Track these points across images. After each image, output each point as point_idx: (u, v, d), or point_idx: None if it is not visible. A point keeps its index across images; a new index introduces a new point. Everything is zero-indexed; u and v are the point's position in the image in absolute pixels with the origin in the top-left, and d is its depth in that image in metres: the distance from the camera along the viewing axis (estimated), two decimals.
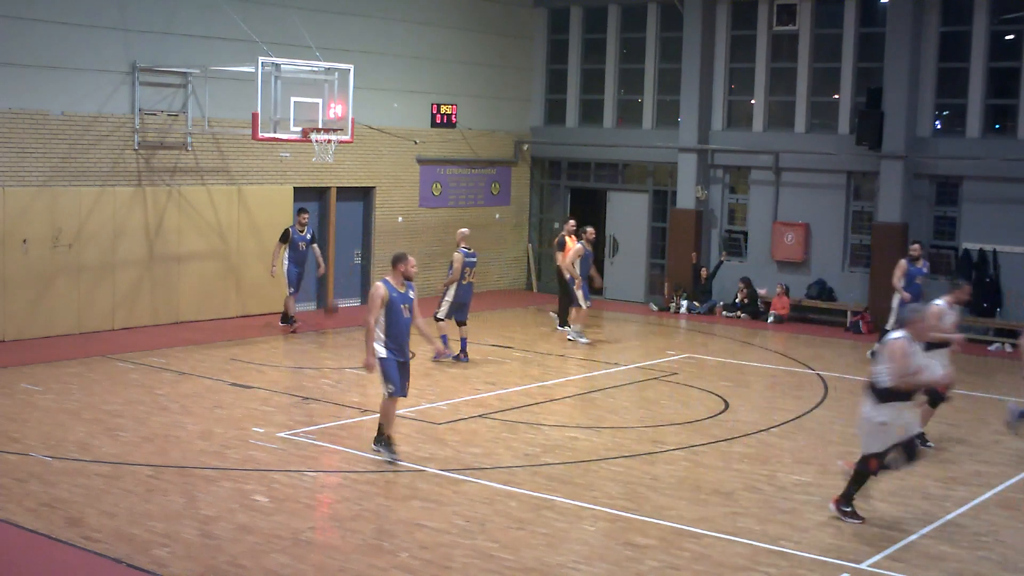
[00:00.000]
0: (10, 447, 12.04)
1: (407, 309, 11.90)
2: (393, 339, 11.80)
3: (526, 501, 10.81)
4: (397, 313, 11.79)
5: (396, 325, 11.79)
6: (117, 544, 9.34)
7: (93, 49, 18.72)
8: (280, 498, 10.65)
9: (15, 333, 17.96)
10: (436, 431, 13.39)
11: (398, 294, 11.81)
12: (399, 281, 11.89)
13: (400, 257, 11.97)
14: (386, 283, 11.84)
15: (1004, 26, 21.55)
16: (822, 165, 23.17)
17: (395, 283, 11.86)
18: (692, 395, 16.02)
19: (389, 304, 11.75)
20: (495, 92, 26.02)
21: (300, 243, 19.79)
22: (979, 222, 21.53)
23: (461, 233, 17.99)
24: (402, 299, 11.84)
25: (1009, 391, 17.07)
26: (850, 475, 10.64)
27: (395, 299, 11.77)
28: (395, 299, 11.77)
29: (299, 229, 19.82)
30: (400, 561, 9.17)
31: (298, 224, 19.88)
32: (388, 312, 11.76)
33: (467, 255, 17.56)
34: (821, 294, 23.12)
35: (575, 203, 26.81)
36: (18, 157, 17.94)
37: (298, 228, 19.83)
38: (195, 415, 13.72)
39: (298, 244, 19.76)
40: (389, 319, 11.77)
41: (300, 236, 19.80)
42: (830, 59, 23.35)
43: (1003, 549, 9.99)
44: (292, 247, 19.71)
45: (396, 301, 11.77)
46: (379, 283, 11.87)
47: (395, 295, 11.78)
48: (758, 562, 9.40)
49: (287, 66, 18.28)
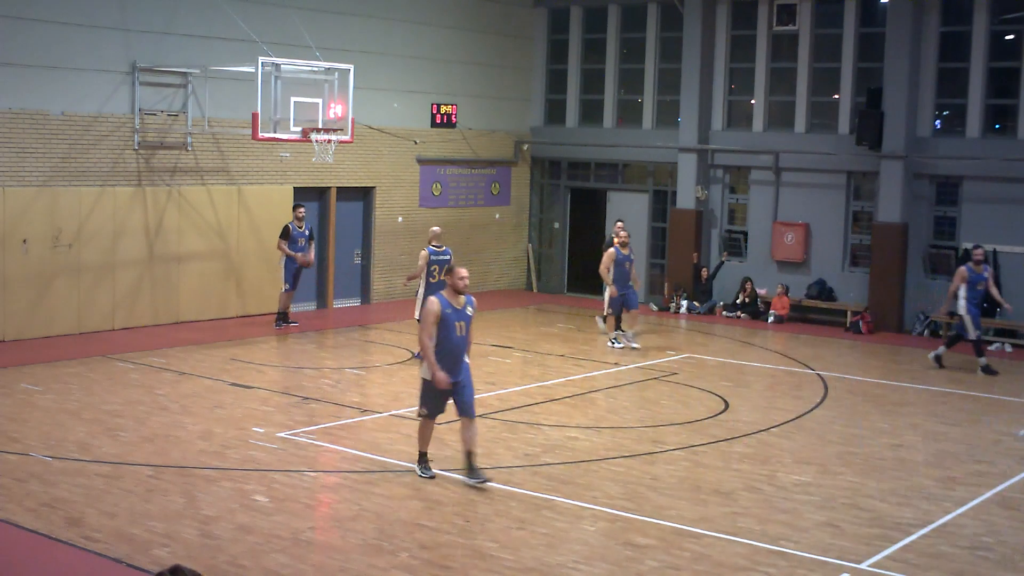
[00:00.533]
0: (10, 447, 12.04)
1: (462, 327, 11.09)
2: (443, 359, 11.03)
3: (526, 501, 10.81)
4: (450, 331, 11.01)
5: (448, 344, 11.03)
6: (117, 544, 9.34)
7: (93, 49, 18.72)
8: (280, 498, 10.65)
9: (15, 333, 17.96)
10: (436, 431, 13.36)
11: (453, 310, 11.04)
12: (453, 296, 11.12)
13: (448, 269, 11.37)
14: (441, 298, 11.08)
15: (1004, 26, 21.55)
16: (822, 165, 23.17)
17: (450, 298, 11.10)
18: (692, 395, 16.02)
19: (442, 321, 10.98)
20: (495, 92, 26.02)
21: (299, 239, 19.85)
22: (979, 222, 21.53)
23: (432, 231, 17.95)
24: (457, 316, 11.05)
25: (1009, 391, 17.08)
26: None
27: (449, 316, 10.99)
28: (449, 316, 10.99)
29: (297, 225, 19.89)
30: (400, 561, 9.17)
31: (296, 220, 19.93)
32: (441, 329, 11.00)
33: (434, 252, 17.44)
34: (821, 294, 23.12)
35: (575, 203, 26.83)
36: (18, 157, 17.94)
37: (296, 224, 19.89)
38: (195, 415, 13.72)
39: (297, 240, 19.82)
40: (441, 337, 11.01)
41: (299, 232, 19.87)
42: (830, 59, 23.35)
43: (1003, 549, 9.99)
44: (291, 244, 19.76)
45: (450, 318, 11.00)
46: (433, 298, 11.14)
47: (449, 311, 11.01)
48: (758, 562, 9.40)
49: (287, 66, 18.29)
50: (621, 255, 19.08)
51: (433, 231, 17.97)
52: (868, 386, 17.04)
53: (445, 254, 17.54)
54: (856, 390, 16.73)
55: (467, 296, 11.18)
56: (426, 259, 17.41)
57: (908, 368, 18.77)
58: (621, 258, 19.07)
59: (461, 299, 11.13)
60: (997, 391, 17.09)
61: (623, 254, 19.10)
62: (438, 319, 10.97)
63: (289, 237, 19.76)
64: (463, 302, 11.15)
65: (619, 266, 19.01)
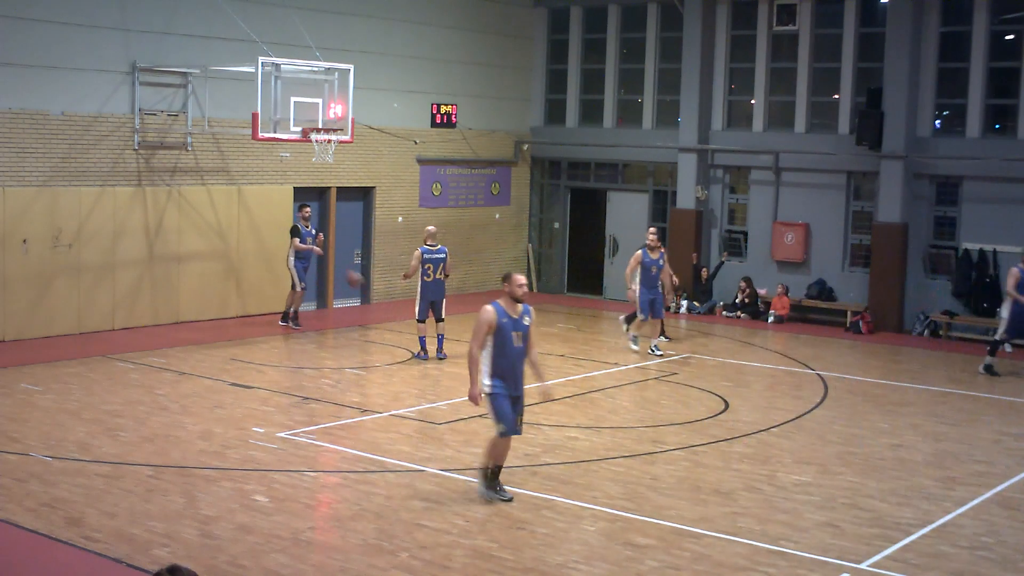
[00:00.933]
0: (10, 447, 12.04)
1: (519, 337, 10.53)
2: (501, 371, 10.47)
3: (526, 501, 10.80)
4: (506, 341, 10.44)
5: (505, 355, 10.46)
6: (117, 544, 9.34)
7: (93, 49, 18.72)
8: (280, 498, 10.65)
9: (15, 333, 17.96)
10: (436, 431, 13.39)
11: (509, 319, 10.46)
12: (510, 304, 10.56)
13: (506, 276, 10.70)
14: (496, 306, 10.49)
15: (1004, 26, 21.55)
16: (822, 165, 23.17)
17: (507, 306, 10.53)
18: (692, 395, 16.02)
19: (498, 330, 10.41)
20: (495, 92, 26.02)
21: (307, 239, 20.01)
22: (979, 222, 21.53)
23: (427, 230, 18.03)
24: (513, 325, 10.48)
25: (1009, 391, 17.08)
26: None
27: (505, 325, 10.42)
28: (505, 325, 10.42)
29: (305, 225, 20.04)
30: (400, 561, 9.16)
31: (303, 220, 20.07)
32: (496, 340, 10.42)
33: (427, 251, 17.55)
34: (821, 294, 23.12)
35: (575, 203, 26.83)
36: (18, 157, 17.94)
37: (303, 224, 20.03)
38: (195, 415, 13.72)
39: (306, 239, 19.97)
40: (497, 348, 10.44)
41: (307, 232, 20.07)
42: (830, 59, 23.35)
43: (1003, 549, 9.99)
44: (300, 242, 19.92)
45: (506, 328, 10.42)
46: (488, 306, 10.51)
47: (505, 320, 10.43)
48: (758, 562, 9.40)
49: (287, 66, 18.29)
50: (648, 258, 18.55)
51: (428, 230, 18.04)
52: (868, 386, 17.04)
53: (439, 253, 17.61)
54: (856, 390, 16.73)
55: (524, 305, 10.64)
56: (419, 258, 17.53)
57: (908, 368, 18.78)
58: (648, 261, 18.55)
59: (518, 308, 10.58)
60: (997, 391, 17.09)
61: (651, 257, 18.56)
62: (492, 329, 10.41)
63: (300, 236, 19.92)
64: (520, 311, 10.59)
65: (645, 270, 18.51)
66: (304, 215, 20.14)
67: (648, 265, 18.52)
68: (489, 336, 10.41)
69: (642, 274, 18.53)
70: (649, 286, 18.53)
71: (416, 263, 17.54)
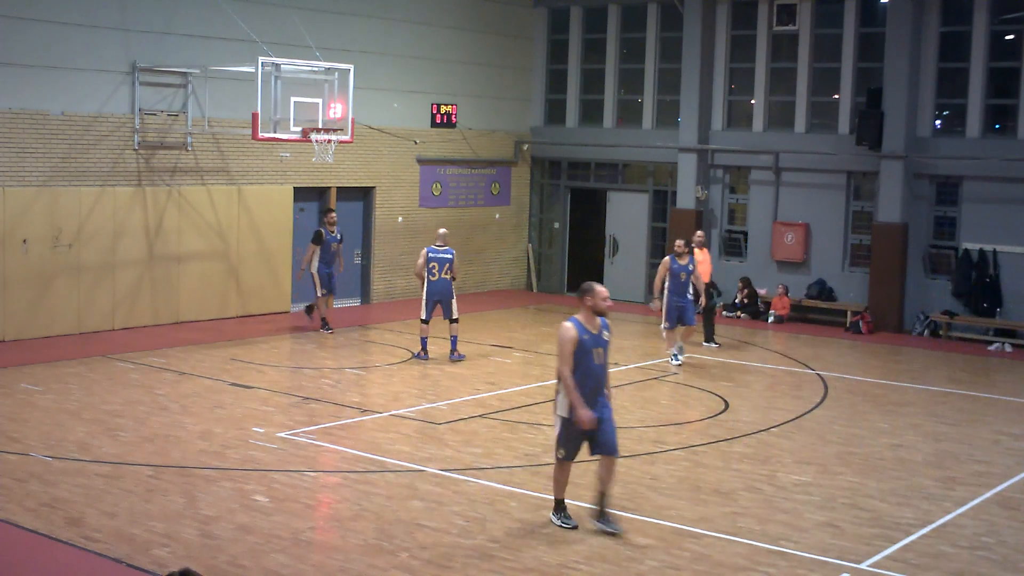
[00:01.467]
0: (10, 447, 12.04)
1: (600, 354, 9.94)
2: (586, 391, 9.83)
3: (526, 501, 10.80)
4: (587, 359, 9.83)
5: (586, 374, 9.83)
6: (117, 544, 9.34)
7: (93, 49, 18.72)
8: (280, 498, 10.65)
9: (15, 333, 17.96)
10: (436, 431, 13.38)
11: (589, 336, 9.85)
12: (589, 319, 9.95)
13: (586, 289, 10.00)
14: (575, 323, 9.88)
15: (1004, 26, 21.55)
16: (822, 165, 23.17)
17: (585, 322, 9.91)
18: (692, 395, 16.02)
19: (578, 348, 9.80)
20: (495, 92, 26.03)
21: (332, 244, 19.60)
22: (979, 222, 21.53)
23: (438, 232, 18.08)
24: (594, 342, 9.87)
25: (1009, 391, 17.08)
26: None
27: (586, 342, 9.81)
28: (586, 342, 9.81)
29: (330, 230, 19.62)
30: (400, 561, 9.17)
31: (327, 224, 19.70)
32: (576, 358, 9.82)
33: (431, 251, 17.59)
34: (821, 294, 23.12)
35: (575, 203, 26.83)
36: (18, 157, 17.94)
37: (328, 228, 19.63)
38: (195, 415, 13.72)
39: (330, 245, 19.57)
40: (579, 366, 9.83)
41: (332, 237, 19.62)
42: (830, 59, 23.35)
43: (1003, 549, 9.99)
44: (324, 248, 19.51)
45: (587, 345, 9.81)
46: (567, 323, 9.87)
47: (586, 337, 9.82)
48: (758, 562, 9.40)
49: (287, 66, 18.28)
50: (677, 265, 17.91)
51: (439, 232, 18.06)
52: (868, 386, 17.04)
53: (445, 253, 17.59)
54: (856, 390, 16.73)
55: (602, 318, 10.00)
56: (424, 256, 17.57)
57: (908, 368, 18.77)
58: (677, 268, 17.92)
59: (597, 322, 9.94)
60: (997, 391, 17.09)
61: (679, 264, 17.92)
62: (576, 346, 9.78)
63: (323, 242, 19.47)
64: (599, 325, 9.96)
65: (674, 276, 17.89)
66: (329, 220, 19.70)
67: (676, 272, 17.89)
68: (573, 355, 9.80)
69: (671, 281, 17.88)
70: (678, 293, 17.86)
71: (422, 261, 17.60)
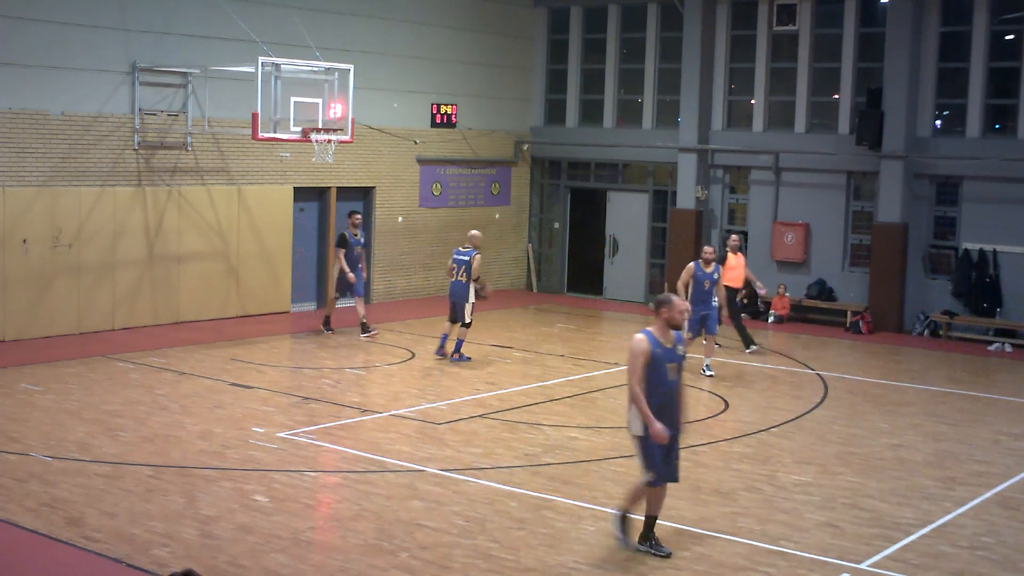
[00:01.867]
0: (10, 447, 12.05)
1: (675, 369, 9.43)
2: (659, 409, 9.34)
3: (526, 501, 10.81)
4: (661, 374, 9.34)
5: (659, 390, 9.35)
6: (117, 544, 9.34)
7: (93, 49, 18.72)
8: (280, 498, 10.65)
9: (15, 333, 17.96)
10: (436, 431, 13.39)
11: (663, 350, 9.35)
12: (663, 332, 9.43)
13: (663, 300, 9.49)
14: (648, 335, 9.37)
15: (1004, 26, 21.55)
16: (822, 165, 23.17)
17: (659, 335, 9.40)
18: (692, 395, 16.00)
19: (652, 362, 9.31)
20: (495, 92, 26.02)
21: (356, 247, 19.29)
22: (979, 222, 21.53)
23: (469, 233, 18.18)
24: (668, 356, 9.37)
25: (1009, 391, 17.08)
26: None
27: (659, 356, 9.32)
28: (659, 356, 9.32)
29: (354, 232, 19.25)
30: (400, 561, 9.17)
31: (351, 227, 19.29)
32: (649, 373, 9.33)
33: (456, 252, 17.82)
34: (821, 294, 23.12)
35: (575, 203, 26.83)
36: (18, 157, 17.94)
37: (352, 231, 19.25)
38: (195, 415, 13.72)
39: (354, 248, 19.24)
40: (650, 383, 9.33)
41: (356, 240, 19.29)
42: (830, 59, 23.34)
43: (1003, 549, 9.99)
44: (348, 252, 19.15)
45: (660, 359, 9.33)
46: (640, 335, 9.38)
47: (659, 351, 9.33)
48: (758, 562, 9.40)
49: (287, 66, 18.28)
50: (701, 272, 17.24)
51: (469, 233, 18.16)
52: (868, 386, 17.04)
53: (465, 255, 17.66)
54: (856, 390, 16.73)
55: (676, 332, 9.51)
56: (451, 257, 17.99)
57: (908, 368, 18.77)
58: (701, 275, 17.25)
59: (671, 336, 9.44)
60: (997, 391, 17.09)
61: (704, 271, 17.23)
62: (648, 360, 9.31)
63: (347, 246, 19.14)
64: (673, 339, 9.46)
65: (698, 284, 17.22)
66: (353, 222, 19.28)
67: (700, 279, 17.23)
68: (645, 369, 9.33)
69: (694, 288, 17.27)
70: (702, 301, 17.18)
71: (449, 262, 18.10)
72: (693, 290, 17.27)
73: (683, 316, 9.45)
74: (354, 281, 19.22)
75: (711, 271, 17.30)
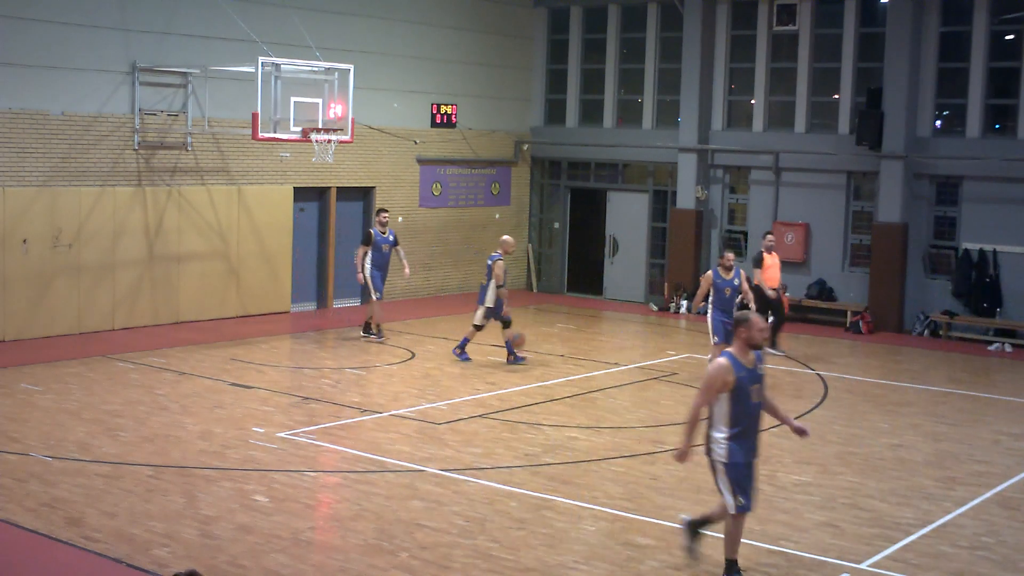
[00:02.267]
0: (10, 447, 12.05)
1: (758, 391, 8.87)
2: (744, 433, 8.74)
3: (526, 501, 10.81)
4: (745, 398, 8.73)
5: (744, 414, 8.73)
6: (117, 544, 9.34)
7: (93, 49, 18.72)
8: (280, 498, 10.65)
9: (15, 333, 17.96)
10: (436, 431, 13.39)
11: (746, 372, 8.75)
12: (743, 352, 8.81)
13: (741, 319, 8.92)
14: (730, 357, 8.76)
15: (1004, 26, 21.55)
16: (822, 165, 23.17)
17: (740, 356, 8.79)
18: (692, 395, 15.97)
19: (736, 389, 8.69)
20: (495, 92, 26.02)
21: (383, 245, 18.98)
22: (979, 222, 21.53)
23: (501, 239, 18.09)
24: (751, 378, 8.78)
25: (1009, 391, 17.08)
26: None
27: (743, 380, 8.71)
28: (743, 380, 8.71)
29: (381, 230, 18.99)
30: (400, 561, 9.17)
31: (378, 225, 19.06)
32: (733, 398, 8.71)
33: (491, 259, 17.65)
34: (821, 294, 23.12)
35: (575, 203, 26.83)
36: (18, 157, 17.94)
37: (379, 229, 19.00)
38: (195, 415, 13.72)
39: (381, 246, 18.96)
40: (736, 407, 8.71)
41: (383, 238, 18.98)
42: (830, 59, 23.34)
43: (1003, 549, 9.99)
44: (375, 249, 18.93)
45: (745, 382, 8.72)
46: (722, 359, 8.79)
47: (743, 375, 8.72)
48: (758, 562, 9.40)
49: (287, 66, 18.28)
50: (721, 280, 16.61)
51: (500, 239, 18.14)
52: (868, 386, 17.04)
53: (491, 259, 17.61)
54: (856, 390, 16.73)
55: (756, 351, 8.89)
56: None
57: (908, 368, 18.77)
58: (721, 283, 16.60)
59: (751, 356, 8.85)
60: (997, 391, 17.09)
61: (723, 278, 16.61)
62: (728, 387, 8.71)
63: (372, 243, 18.90)
64: (754, 359, 8.87)
65: (719, 292, 16.62)
66: (381, 220, 19.04)
67: (721, 287, 16.59)
68: (724, 394, 8.74)
69: (715, 296, 16.67)
70: (725, 310, 16.56)
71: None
72: (715, 298, 16.69)
73: (763, 335, 8.85)
74: (362, 282, 19.11)
75: (731, 277, 16.69)
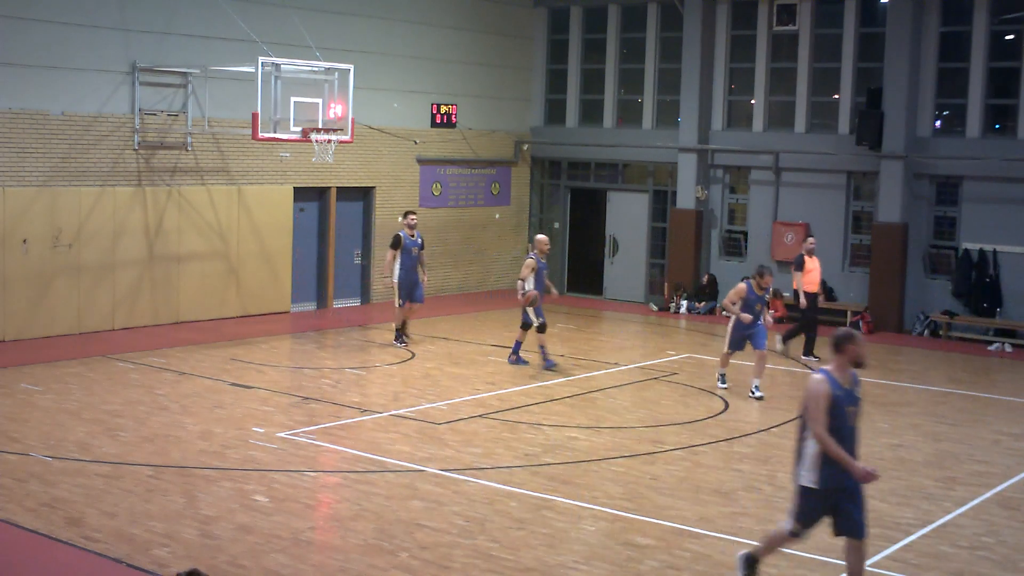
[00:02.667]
0: (10, 447, 12.05)
1: (853, 413, 8.30)
2: (830, 456, 8.21)
3: (526, 501, 10.81)
4: (841, 419, 8.20)
5: (839, 436, 8.17)
6: (117, 544, 9.34)
7: (93, 49, 18.72)
8: (280, 498, 10.65)
9: (15, 333, 17.96)
10: (436, 431, 13.38)
11: (843, 392, 8.22)
12: (843, 371, 8.28)
13: (845, 337, 8.29)
14: (827, 376, 8.22)
15: (1004, 26, 21.55)
16: (822, 165, 23.17)
17: (839, 375, 8.26)
18: (692, 395, 16.01)
19: (832, 407, 8.17)
20: (495, 92, 26.03)
21: (413, 248, 18.47)
22: (979, 222, 21.53)
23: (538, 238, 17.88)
24: (848, 399, 8.25)
25: (1009, 391, 17.07)
26: None
27: (839, 399, 8.19)
28: (839, 399, 8.19)
29: (409, 233, 18.45)
30: (400, 561, 9.17)
31: (407, 228, 18.51)
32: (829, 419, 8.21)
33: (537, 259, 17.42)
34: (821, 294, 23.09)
35: (575, 203, 26.83)
36: (18, 157, 17.94)
37: (408, 232, 18.46)
38: (195, 415, 13.72)
39: (411, 250, 18.45)
40: (829, 429, 8.18)
41: (412, 241, 18.47)
42: (830, 59, 23.35)
43: (1003, 549, 9.99)
44: (404, 253, 18.42)
45: (841, 403, 8.19)
46: (819, 376, 8.25)
47: (839, 394, 8.19)
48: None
49: (287, 66, 18.28)
50: (754, 295, 15.87)
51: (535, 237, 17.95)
52: (868, 386, 16.93)
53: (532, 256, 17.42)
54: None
55: (852, 372, 8.37)
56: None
57: (908, 368, 18.77)
58: (754, 298, 15.87)
59: (850, 376, 8.33)
60: (997, 391, 17.09)
61: (756, 294, 15.88)
62: (830, 404, 8.17)
63: (401, 247, 18.38)
64: (851, 380, 8.35)
65: (749, 307, 15.87)
66: (409, 223, 18.47)
67: (753, 302, 15.89)
68: (828, 414, 8.19)
69: (743, 308, 15.94)
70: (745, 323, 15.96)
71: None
72: (742, 308, 15.93)
73: (861, 349, 8.31)
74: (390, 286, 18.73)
75: (762, 295, 16.04)
